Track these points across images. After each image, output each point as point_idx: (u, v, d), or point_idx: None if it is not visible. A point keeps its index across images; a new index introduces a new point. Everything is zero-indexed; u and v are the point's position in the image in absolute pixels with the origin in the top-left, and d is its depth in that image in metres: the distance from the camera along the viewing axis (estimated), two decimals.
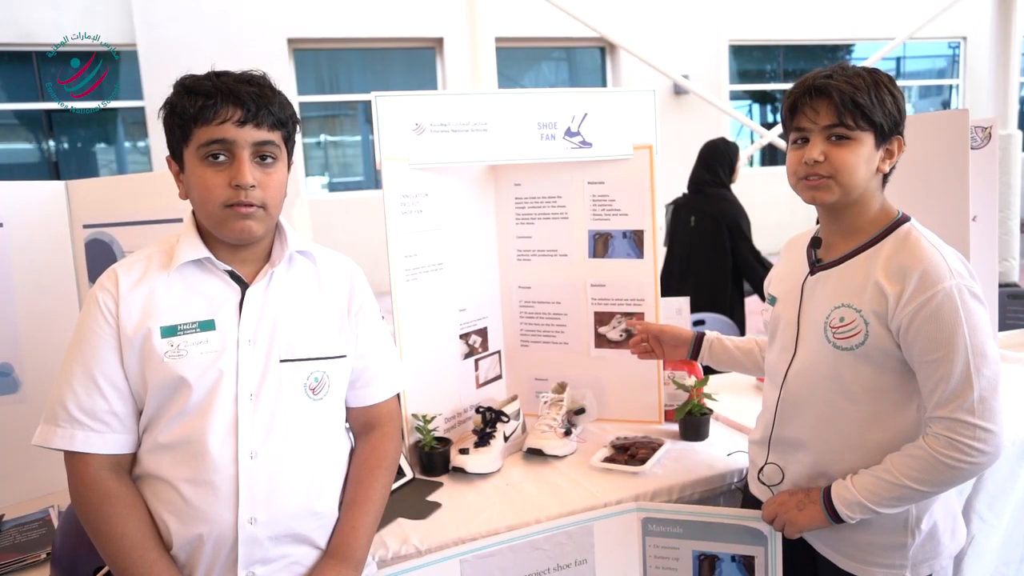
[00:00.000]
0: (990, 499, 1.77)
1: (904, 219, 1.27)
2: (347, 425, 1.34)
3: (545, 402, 1.88)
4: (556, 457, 1.77)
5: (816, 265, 1.33)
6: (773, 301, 1.42)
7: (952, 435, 1.15)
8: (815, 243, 1.35)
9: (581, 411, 1.92)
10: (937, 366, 1.16)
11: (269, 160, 1.12)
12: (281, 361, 1.15)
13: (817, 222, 1.40)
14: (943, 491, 1.24)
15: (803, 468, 1.34)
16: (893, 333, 1.20)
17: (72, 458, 1.09)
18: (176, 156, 1.14)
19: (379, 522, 1.26)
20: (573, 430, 1.86)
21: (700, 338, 1.70)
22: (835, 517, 1.25)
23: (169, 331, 1.10)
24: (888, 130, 1.23)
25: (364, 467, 1.26)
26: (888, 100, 1.22)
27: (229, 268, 1.16)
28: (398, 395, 1.38)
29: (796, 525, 1.31)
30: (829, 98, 1.21)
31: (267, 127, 1.11)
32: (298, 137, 1.24)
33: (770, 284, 1.48)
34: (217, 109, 1.07)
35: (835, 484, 1.27)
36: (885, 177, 1.29)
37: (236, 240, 1.13)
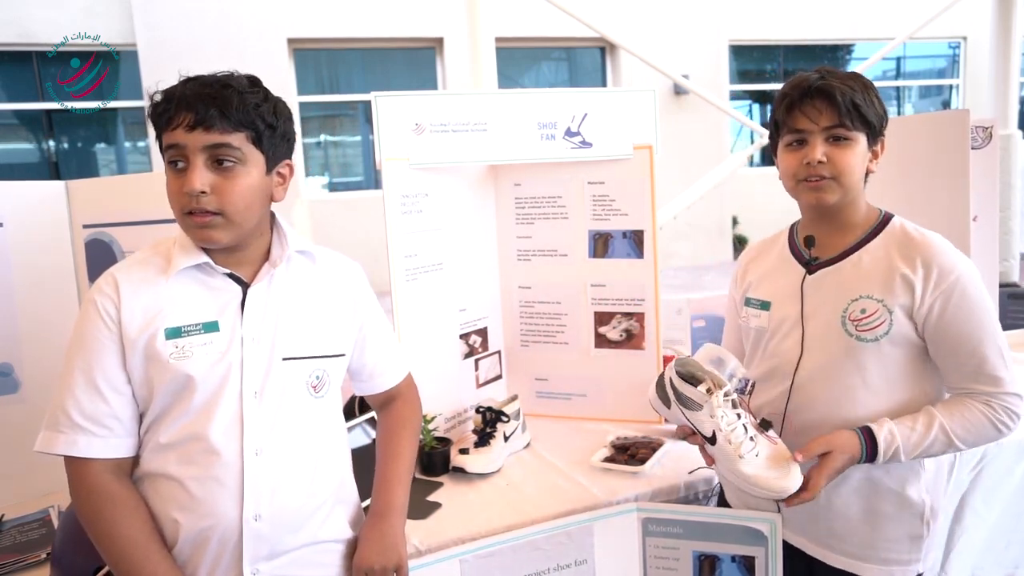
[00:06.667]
0: (986, 493, 1.80)
1: (889, 215, 1.32)
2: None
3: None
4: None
5: (814, 263, 1.33)
6: (765, 306, 1.39)
7: (1007, 405, 1.23)
8: (808, 242, 1.34)
9: (767, 424, 1.36)
10: (976, 347, 1.21)
11: (228, 164, 1.07)
12: (284, 359, 1.16)
13: (791, 226, 1.42)
14: (967, 450, 1.30)
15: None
16: (918, 324, 1.23)
17: (74, 463, 1.09)
18: None
19: (411, 475, 1.33)
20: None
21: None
22: (871, 458, 1.21)
23: (173, 332, 1.10)
24: (878, 130, 1.27)
25: (390, 431, 1.36)
26: (876, 102, 1.27)
27: (227, 271, 1.16)
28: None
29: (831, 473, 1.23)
30: (831, 99, 1.21)
31: (219, 130, 1.05)
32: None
33: (751, 289, 1.44)
34: (171, 114, 1.04)
35: (877, 431, 1.22)
36: (865, 177, 1.32)
37: (204, 246, 1.12)
